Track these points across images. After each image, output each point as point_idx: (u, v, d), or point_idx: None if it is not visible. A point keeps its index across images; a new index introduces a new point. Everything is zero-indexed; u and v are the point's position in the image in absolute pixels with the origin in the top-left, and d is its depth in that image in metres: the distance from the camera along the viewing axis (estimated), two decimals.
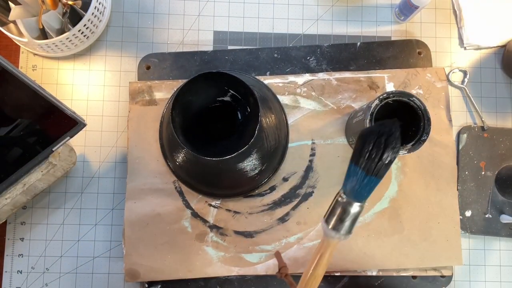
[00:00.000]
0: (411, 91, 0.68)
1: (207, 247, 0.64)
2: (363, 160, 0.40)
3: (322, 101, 0.67)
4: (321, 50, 0.70)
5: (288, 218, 0.65)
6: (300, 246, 0.64)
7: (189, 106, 0.60)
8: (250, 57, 0.69)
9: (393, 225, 0.65)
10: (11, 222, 0.66)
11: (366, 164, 0.39)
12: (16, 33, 0.63)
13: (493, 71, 0.72)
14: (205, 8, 0.71)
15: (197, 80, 0.55)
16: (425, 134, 0.55)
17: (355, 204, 0.39)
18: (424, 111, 0.55)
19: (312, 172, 0.66)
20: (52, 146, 0.55)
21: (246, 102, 0.61)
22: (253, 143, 0.54)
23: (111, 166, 0.68)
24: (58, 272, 0.65)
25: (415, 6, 0.66)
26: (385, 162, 0.39)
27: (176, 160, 0.61)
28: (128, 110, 0.66)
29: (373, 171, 0.39)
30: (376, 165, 0.39)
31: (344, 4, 0.73)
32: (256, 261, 0.64)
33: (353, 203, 0.39)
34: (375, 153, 0.39)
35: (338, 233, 0.39)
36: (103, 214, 0.67)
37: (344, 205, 0.39)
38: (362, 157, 0.40)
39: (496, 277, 0.68)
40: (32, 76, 0.67)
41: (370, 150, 0.40)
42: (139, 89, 0.67)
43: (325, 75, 0.68)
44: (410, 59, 0.70)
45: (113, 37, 0.70)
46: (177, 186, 0.65)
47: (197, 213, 0.65)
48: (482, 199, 0.67)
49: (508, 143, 0.69)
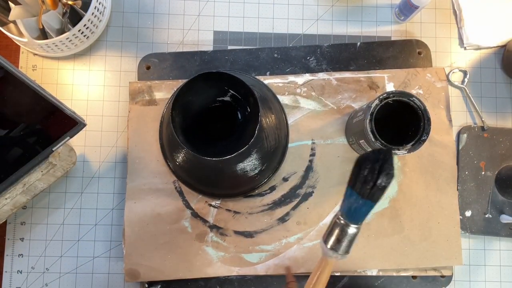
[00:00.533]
0: (411, 91, 0.68)
1: (207, 247, 0.64)
2: (359, 185, 0.42)
3: (322, 101, 0.67)
4: (321, 50, 0.70)
5: (288, 218, 0.65)
6: (300, 246, 0.64)
7: (189, 106, 0.60)
8: (250, 57, 0.69)
9: (393, 225, 0.65)
10: (11, 222, 0.66)
11: (362, 189, 0.42)
12: (16, 33, 0.63)
13: (493, 71, 0.72)
14: (205, 8, 0.71)
15: (197, 80, 0.55)
16: (425, 134, 0.55)
17: (352, 226, 0.42)
18: (424, 111, 0.55)
19: (312, 172, 0.66)
20: (52, 146, 0.55)
21: (246, 102, 0.61)
22: (253, 143, 0.54)
23: (111, 166, 0.68)
24: (58, 272, 0.65)
25: (415, 6, 0.66)
26: (379, 186, 0.41)
27: (176, 160, 0.61)
28: (128, 110, 0.66)
29: (368, 195, 0.41)
30: (371, 189, 0.41)
31: (344, 4, 0.73)
32: (256, 261, 0.64)
33: (350, 225, 0.42)
34: (370, 178, 0.41)
35: (336, 253, 0.42)
36: (103, 214, 0.67)
37: (341, 227, 0.42)
38: (358, 181, 0.42)
39: (496, 277, 0.68)
40: (32, 76, 0.67)
41: (366, 175, 0.42)
42: (139, 89, 0.67)
43: (325, 75, 0.68)
44: (410, 59, 0.70)
45: (113, 37, 0.70)
46: (177, 186, 0.65)
47: (197, 213, 0.65)
48: (482, 199, 0.67)
49: (508, 143, 0.69)
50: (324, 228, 0.63)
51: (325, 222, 0.65)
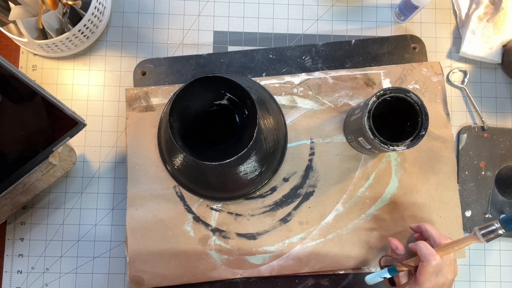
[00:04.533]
0: (407, 86, 0.68)
1: (210, 251, 0.64)
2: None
3: (319, 100, 0.67)
4: (316, 49, 0.70)
5: (290, 218, 0.65)
6: (303, 245, 0.64)
7: (186, 111, 0.60)
8: (245, 59, 0.69)
9: (395, 221, 0.65)
10: (11, 222, 0.66)
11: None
12: (16, 33, 0.63)
13: (493, 71, 0.72)
14: (205, 8, 0.72)
15: (194, 84, 0.55)
16: (423, 129, 0.55)
17: (501, 230, 0.50)
18: (421, 106, 0.55)
19: (312, 172, 0.66)
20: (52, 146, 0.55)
21: (243, 105, 0.61)
22: (252, 146, 0.54)
23: (111, 166, 0.68)
24: (58, 272, 0.65)
25: (415, 6, 0.66)
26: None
27: (176, 165, 0.61)
28: (126, 117, 0.66)
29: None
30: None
31: (344, 4, 0.73)
32: (260, 263, 0.64)
33: (502, 230, 0.51)
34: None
35: (483, 238, 0.51)
36: (103, 214, 0.67)
37: (496, 228, 0.51)
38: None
39: (496, 277, 0.68)
40: (32, 76, 0.67)
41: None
42: (135, 95, 0.67)
43: (321, 73, 0.68)
44: (405, 55, 0.70)
45: (113, 37, 0.70)
46: (177, 191, 0.65)
47: (198, 217, 0.64)
48: (482, 199, 0.67)
49: (508, 143, 0.69)
50: (326, 227, 0.64)
51: (327, 220, 0.65)
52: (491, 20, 0.70)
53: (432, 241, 0.56)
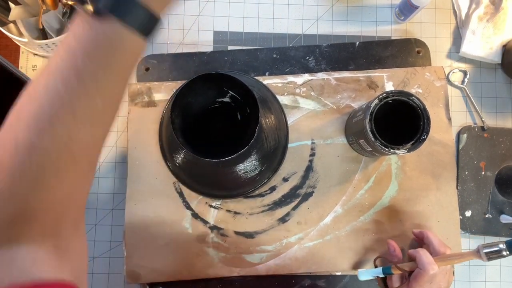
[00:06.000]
0: (410, 90, 0.68)
1: (208, 248, 0.64)
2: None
3: (321, 101, 0.67)
4: (320, 50, 0.70)
5: (288, 218, 0.65)
6: (301, 246, 0.64)
7: (188, 107, 0.60)
8: (249, 57, 0.69)
9: (393, 224, 0.65)
10: None
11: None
12: (16, 33, 0.63)
13: (493, 71, 0.72)
14: (205, 8, 0.71)
15: (196, 81, 0.55)
16: (425, 133, 0.55)
17: (505, 252, 0.50)
18: (423, 110, 0.55)
19: (312, 172, 0.66)
20: None
21: (245, 103, 0.61)
22: (253, 144, 0.54)
23: (111, 166, 0.68)
24: None
25: (415, 6, 0.66)
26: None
27: (176, 161, 0.61)
28: (128, 112, 0.66)
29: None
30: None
31: (344, 4, 0.73)
32: (257, 262, 0.64)
33: (506, 251, 0.50)
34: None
35: (486, 257, 0.50)
36: (103, 214, 0.67)
37: (501, 249, 0.50)
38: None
39: (496, 277, 0.68)
40: (32, 76, 0.66)
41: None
42: (138, 90, 0.67)
43: (324, 75, 0.68)
44: (409, 58, 0.70)
45: None
46: (177, 187, 0.65)
47: (197, 214, 0.64)
48: (482, 199, 0.67)
49: (508, 143, 0.69)
50: (324, 228, 0.64)
51: (326, 222, 0.65)
52: (491, 20, 0.70)
53: (431, 248, 0.56)
